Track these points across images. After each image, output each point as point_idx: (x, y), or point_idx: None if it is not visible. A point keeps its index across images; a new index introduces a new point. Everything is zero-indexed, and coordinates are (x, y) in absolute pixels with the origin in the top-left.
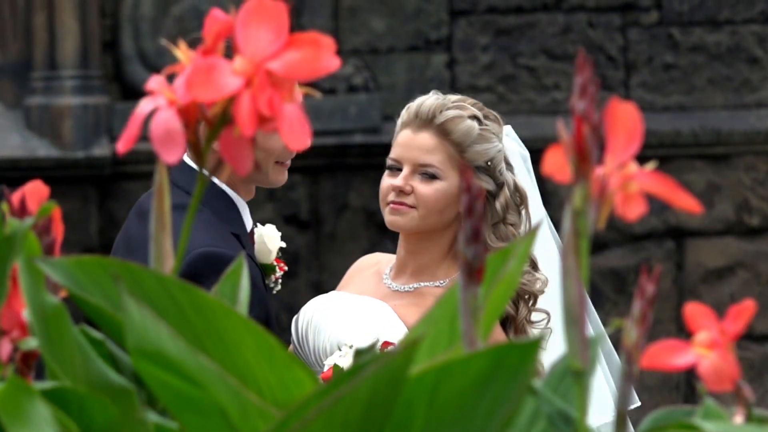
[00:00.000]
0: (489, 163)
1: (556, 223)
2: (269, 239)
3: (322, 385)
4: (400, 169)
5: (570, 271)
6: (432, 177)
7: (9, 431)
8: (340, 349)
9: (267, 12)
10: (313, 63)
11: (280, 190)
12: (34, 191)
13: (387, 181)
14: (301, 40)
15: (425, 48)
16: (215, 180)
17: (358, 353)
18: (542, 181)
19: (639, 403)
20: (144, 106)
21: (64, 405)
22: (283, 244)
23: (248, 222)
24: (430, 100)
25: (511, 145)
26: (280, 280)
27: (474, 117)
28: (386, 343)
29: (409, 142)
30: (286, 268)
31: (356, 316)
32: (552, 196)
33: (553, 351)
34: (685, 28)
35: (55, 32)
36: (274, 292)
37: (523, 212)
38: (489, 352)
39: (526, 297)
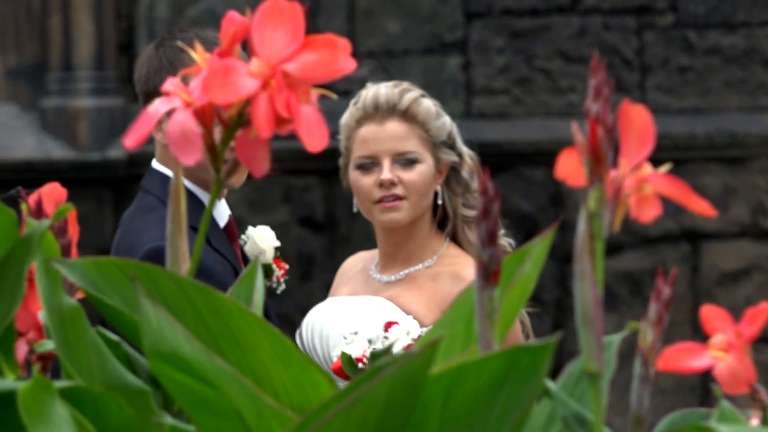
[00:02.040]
0: (449, 137)
1: (572, 225)
2: (261, 239)
3: (338, 387)
4: (373, 165)
5: (585, 274)
6: (413, 162)
7: (30, 430)
8: (345, 338)
9: (283, 14)
10: (330, 65)
11: (295, 192)
12: (51, 193)
13: (366, 179)
14: (317, 42)
15: (440, 50)
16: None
17: (374, 356)
18: (557, 183)
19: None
20: (159, 106)
21: (80, 405)
22: (278, 244)
23: (221, 218)
24: (381, 90)
25: None
26: (282, 281)
27: (423, 96)
28: (389, 324)
29: (378, 134)
30: (287, 266)
31: (359, 315)
32: (567, 198)
33: None
34: (701, 30)
35: (71, 34)
36: (278, 292)
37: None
38: (502, 354)
39: None
